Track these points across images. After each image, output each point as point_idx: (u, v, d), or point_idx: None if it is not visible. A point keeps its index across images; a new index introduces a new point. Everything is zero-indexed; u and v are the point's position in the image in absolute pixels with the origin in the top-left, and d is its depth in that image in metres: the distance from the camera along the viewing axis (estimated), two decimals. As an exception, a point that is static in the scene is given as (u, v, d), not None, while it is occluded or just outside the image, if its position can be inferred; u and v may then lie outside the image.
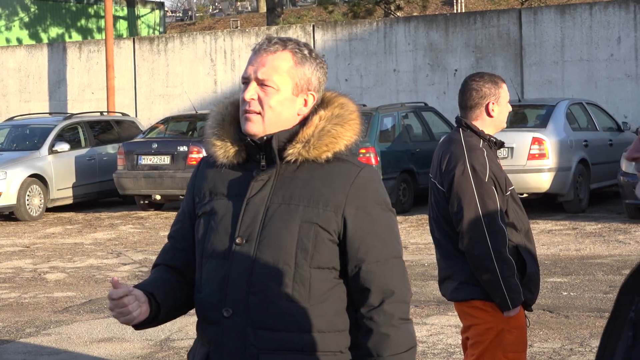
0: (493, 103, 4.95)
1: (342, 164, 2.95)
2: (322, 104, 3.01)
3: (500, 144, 5.08)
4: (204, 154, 18.19)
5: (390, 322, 2.87)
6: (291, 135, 2.94)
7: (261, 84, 2.91)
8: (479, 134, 4.93)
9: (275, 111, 2.92)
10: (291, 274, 2.88)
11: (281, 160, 2.93)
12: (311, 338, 2.89)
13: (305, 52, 2.97)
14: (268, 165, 2.95)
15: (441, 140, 5.36)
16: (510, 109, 5.13)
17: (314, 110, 2.99)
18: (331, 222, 2.89)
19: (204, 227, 3.01)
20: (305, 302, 2.88)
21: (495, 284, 4.72)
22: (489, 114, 4.94)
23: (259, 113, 2.91)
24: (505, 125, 5.13)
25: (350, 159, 2.99)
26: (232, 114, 3.05)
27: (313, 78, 2.98)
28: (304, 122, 2.97)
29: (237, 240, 2.91)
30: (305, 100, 2.98)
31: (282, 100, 2.93)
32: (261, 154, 2.95)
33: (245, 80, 2.95)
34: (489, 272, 4.72)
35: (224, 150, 2.99)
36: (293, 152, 2.91)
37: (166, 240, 3.22)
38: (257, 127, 2.91)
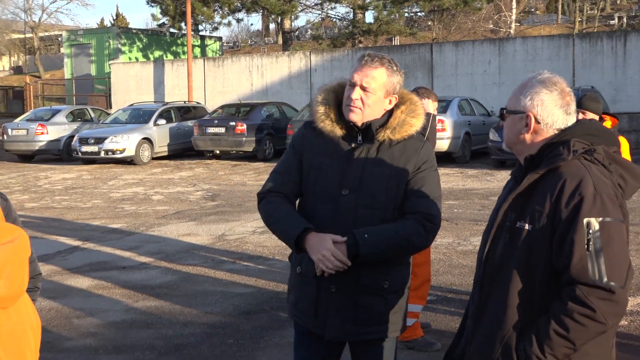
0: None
1: (413, 140, 2.71)
2: (399, 99, 2.74)
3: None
4: (244, 127, 18.19)
5: (422, 223, 2.62)
6: (382, 123, 2.68)
7: (363, 89, 2.64)
8: None
9: (371, 108, 2.66)
10: (381, 214, 2.63)
11: (374, 139, 2.69)
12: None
13: (394, 67, 2.68)
14: (363, 141, 2.69)
15: None
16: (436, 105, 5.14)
17: (395, 106, 2.73)
18: (406, 177, 2.66)
19: (314, 178, 2.70)
20: None
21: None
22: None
23: (360, 108, 2.64)
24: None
25: (417, 137, 2.74)
26: (334, 100, 2.74)
27: (397, 86, 2.70)
28: (389, 113, 2.71)
29: (342, 192, 2.64)
30: (390, 101, 2.71)
31: (376, 100, 2.66)
32: (359, 133, 2.68)
33: (352, 84, 2.66)
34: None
35: (331, 128, 2.70)
36: (383, 134, 2.67)
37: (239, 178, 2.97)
38: (358, 117, 2.65)
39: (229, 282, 6.81)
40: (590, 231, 1.94)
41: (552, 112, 2.10)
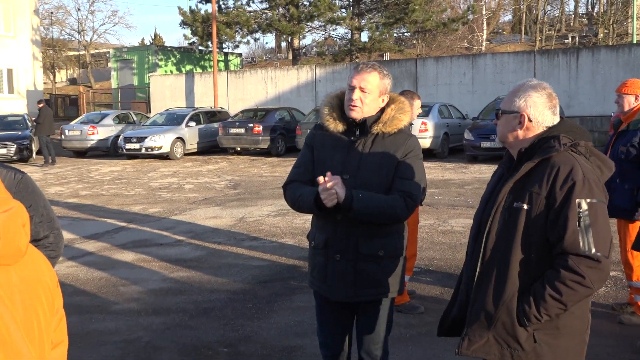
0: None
1: (402, 134, 2.70)
2: (390, 100, 2.75)
3: (411, 123, 4.98)
4: (261, 128, 18.14)
5: (404, 198, 2.61)
6: (375, 119, 2.69)
7: (362, 90, 2.65)
8: None
9: (368, 106, 2.67)
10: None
11: (369, 132, 2.69)
12: (390, 227, 2.68)
13: (384, 72, 2.71)
14: (360, 134, 2.69)
15: None
16: (419, 111, 5.03)
17: (387, 105, 2.73)
18: (395, 163, 2.65)
19: (321, 167, 2.71)
20: None
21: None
22: None
23: (360, 107, 2.65)
24: (415, 117, 5.01)
25: (405, 131, 2.74)
26: (337, 103, 2.76)
27: (388, 87, 2.73)
28: (382, 111, 2.71)
29: (344, 176, 2.62)
30: (383, 100, 2.72)
31: (372, 99, 2.67)
32: (357, 128, 2.69)
33: (352, 87, 2.67)
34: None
35: (334, 125, 2.71)
36: (377, 128, 2.67)
37: (258, 169, 3.00)
38: (358, 114, 2.66)
39: (248, 256, 6.80)
40: (581, 210, 1.95)
41: (543, 112, 2.12)
